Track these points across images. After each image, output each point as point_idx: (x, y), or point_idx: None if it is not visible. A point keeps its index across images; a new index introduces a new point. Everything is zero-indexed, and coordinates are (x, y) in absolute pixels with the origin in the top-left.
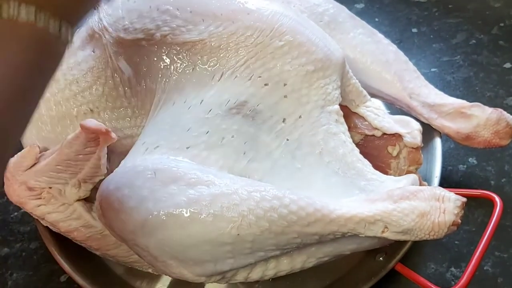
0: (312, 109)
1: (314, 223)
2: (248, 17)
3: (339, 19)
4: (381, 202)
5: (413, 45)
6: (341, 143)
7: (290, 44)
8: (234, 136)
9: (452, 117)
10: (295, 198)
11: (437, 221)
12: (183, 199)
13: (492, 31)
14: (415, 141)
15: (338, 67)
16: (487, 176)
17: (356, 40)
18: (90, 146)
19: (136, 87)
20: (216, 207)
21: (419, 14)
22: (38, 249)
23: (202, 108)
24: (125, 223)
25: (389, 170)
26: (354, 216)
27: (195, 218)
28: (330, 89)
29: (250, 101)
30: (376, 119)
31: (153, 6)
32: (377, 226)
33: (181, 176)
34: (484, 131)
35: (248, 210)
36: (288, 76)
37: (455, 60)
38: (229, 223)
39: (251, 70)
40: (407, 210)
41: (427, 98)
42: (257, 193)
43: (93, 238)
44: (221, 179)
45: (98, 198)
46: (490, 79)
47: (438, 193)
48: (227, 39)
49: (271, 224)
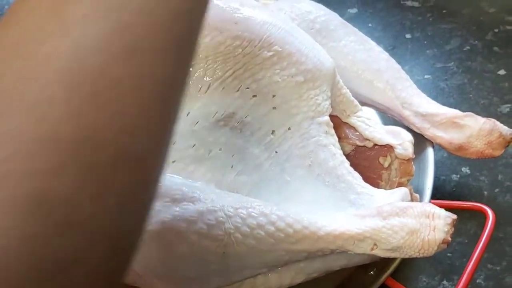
0: (301, 121)
1: (302, 240)
2: (236, 27)
3: (330, 27)
4: (370, 219)
5: (407, 51)
6: (331, 155)
7: (279, 55)
8: (221, 149)
9: (444, 127)
10: (282, 215)
11: (427, 239)
12: (167, 217)
13: (486, 36)
14: (406, 153)
15: (328, 78)
16: (480, 186)
17: (348, 48)
18: None
19: None
20: (202, 225)
21: (413, 20)
22: None
23: (188, 120)
24: None
25: (380, 181)
26: (343, 233)
27: (180, 236)
28: (320, 100)
29: (238, 113)
30: (367, 130)
31: None
32: (366, 243)
33: (165, 192)
34: (477, 142)
35: (234, 228)
36: (277, 87)
37: (449, 67)
38: (215, 241)
39: (239, 81)
40: (396, 227)
41: (420, 107)
42: (243, 210)
43: None
44: (207, 195)
45: None
46: (484, 86)
47: (428, 210)
48: (215, 50)
49: (258, 242)
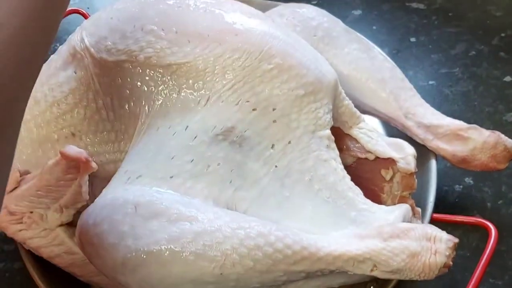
0: (302, 135)
1: (301, 261)
2: (236, 38)
3: (333, 34)
4: (370, 240)
5: (411, 56)
6: (331, 170)
7: (280, 67)
8: (220, 164)
9: (448, 139)
10: (281, 235)
11: (428, 262)
12: (164, 237)
13: (492, 41)
14: (409, 167)
15: (330, 90)
16: (484, 198)
17: (351, 56)
18: (71, 173)
19: (119, 111)
20: (199, 245)
21: (418, 22)
22: (22, 270)
23: (187, 134)
24: (105, 260)
25: (382, 193)
26: (343, 254)
27: (177, 256)
28: (321, 113)
29: (238, 127)
30: (370, 142)
31: (137, 26)
32: (366, 264)
33: (162, 211)
34: (481, 155)
35: (231, 249)
36: (277, 100)
37: (453, 73)
38: (212, 262)
39: (238, 95)
40: (397, 249)
41: (423, 118)
42: (241, 230)
43: (76, 265)
44: (205, 214)
45: (77, 231)
46: (489, 93)
47: (430, 233)
48: (214, 62)
49: (255, 263)
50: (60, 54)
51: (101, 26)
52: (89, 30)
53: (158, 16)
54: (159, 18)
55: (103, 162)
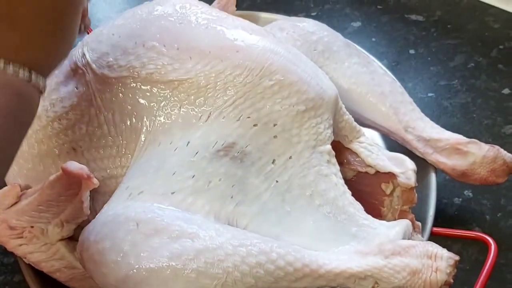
0: (303, 150)
1: (302, 278)
2: (237, 55)
3: (333, 48)
4: (372, 257)
5: (410, 68)
6: (332, 186)
7: (281, 84)
8: (221, 180)
9: (447, 153)
10: (282, 253)
11: (428, 280)
12: (166, 254)
13: (491, 53)
14: (409, 182)
15: (331, 105)
16: (483, 210)
17: (351, 70)
18: (72, 188)
19: (121, 126)
20: (200, 263)
21: (417, 34)
22: (22, 283)
23: (188, 150)
24: (106, 277)
25: (382, 207)
26: (344, 271)
27: (178, 274)
28: (322, 128)
29: (239, 143)
30: (370, 157)
31: (138, 42)
32: (367, 281)
33: (164, 228)
34: (481, 169)
35: (233, 266)
36: (278, 116)
37: (452, 85)
38: (213, 280)
39: (239, 111)
40: (398, 267)
41: (423, 132)
42: (242, 248)
43: (76, 279)
44: (206, 231)
45: (79, 247)
46: (488, 106)
47: (431, 250)
48: (215, 78)
49: (257, 280)
50: (61, 69)
51: (102, 42)
52: (91, 45)
53: (160, 32)
54: (160, 35)
55: (104, 177)
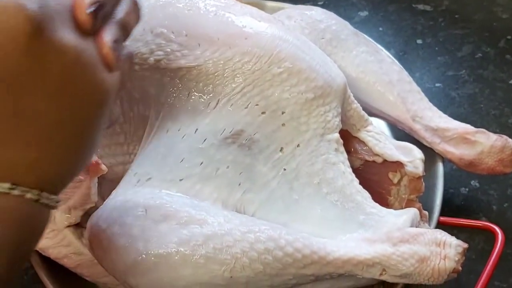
0: (311, 138)
1: (310, 265)
2: (246, 42)
3: (341, 36)
4: (380, 244)
5: (418, 58)
6: (340, 174)
7: (289, 71)
8: (229, 167)
9: (455, 143)
10: (290, 239)
11: (437, 267)
12: (174, 240)
13: (499, 44)
14: (416, 171)
15: (339, 94)
16: (489, 201)
17: (359, 58)
18: (81, 175)
19: (129, 113)
20: (209, 249)
21: (424, 24)
22: (29, 269)
23: (196, 137)
24: (115, 262)
25: (389, 196)
26: (352, 258)
27: (187, 260)
28: (330, 116)
29: (247, 130)
30: (378, 145)
31: (147, 29)
32: (375, 269)
33: (173, 214)
34: (488, 158)
35: (241, 252)
36: (286, 104)
37: (460, 75)
38: (222, 266)
39: (248, 98)
40: (406, 254)
41: (431, 121)
42: (251, 234)
43: (84, 266)
44: (215, 217)
45: (87, 232)
46: (495, 96)
47: (439, 238)
48: (224, 65)
49: (265, 266)
50: None
51: None
52: None
53: (168, 19)
54: (169, 21)
55: (112, 164)
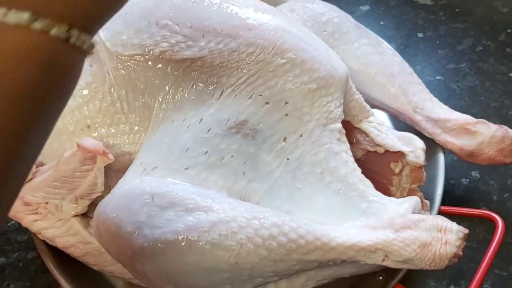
0: (313, 128)
1: (314, 251)
2: (250, 33)
3: (343, 29)
4: (382, 231)
5: (419, 51)
6: (342, 163)
7: (292, 62)
8: (233, 156)
9: (456, 133)
10: (294, 226)
11: (438, 252)
12: (180, 226)
13: (499, 37)
14: (418, 160)
15: (341, 84)
16: (490, 191)
17: (361, 51)
18: (87, 164)
19: (134, 104)
20: (214, 235)
21: (425, 18)
22: (36, 259)
23: (201, 127)
24: (122, 248)
25: (391, 186)
26: (354, 244)
27: (193, 246)
28: (332, 107)
29: (250, 120)
30: (379, 136)
31: (152, 21)
32: (377, 254)
33: (179, 201)
34: (488, 149)
35: (246, 238)
36: (289, 94)
37: (460, 68)
38: (227, 252)
39: (251, 88)
40: (408, 240)
41: (431, 112)
42: (255, 221)
43: (90, 254)
44: (220, 205)
45: (95, 220)
46: (495, 89)
47: (441, 224)
48: (228, 56)
49: (270, 252)
50: None
51: (115, 21)
52: None
53: (173, 11)
54: (173, 13)
55: (118, 154)
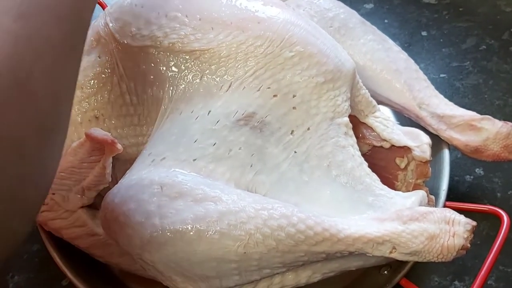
0: (321, 121)
1: (322, 242)
2: (258, 26)
3: (349, 25)
4: (390, 223)
5: (423, 49)
6: (349, 157)
7: (301, 55)
8: (241, 148)
9: (461, 129)
10: (303, 217)
11: (446, 244)
12: (190, 216)
13: (502, 36)
14: (424, 155)
15: (348, 79)
16: (494, 188)
17: (367, 46)
18: (95, 155)
19: (143, 95)
20: (223, 225)
21: (429, 17)
22: (40, 251)
23: (209, 119)
24: (131, 238)
25: (396, 181)
26: (363, 236)
27: (202, 235)
28: (339, 100)
29: (258, 113)
30: (385, 131)
31: (161, 13)
32: (385, 246)
33: (188, 191)
34: (494, 145)
35: (255, 229)
36: (297, 87)
37: (464, 66)
38: (236, 242)
39: (260, 81)
40: (416, 232)
41: (437, 108)
42: (264, 211)
43: (96, 246)
44: (229, 195)
45: (102, 210)
46: (499, 87)
47: (449, 216)
48: (236, 49)
49: (278, 243)
50: None
51: (125, 12)
52: (113, 15)
53: (182, 3)
54: (183, 5)
55: (126, 145)
